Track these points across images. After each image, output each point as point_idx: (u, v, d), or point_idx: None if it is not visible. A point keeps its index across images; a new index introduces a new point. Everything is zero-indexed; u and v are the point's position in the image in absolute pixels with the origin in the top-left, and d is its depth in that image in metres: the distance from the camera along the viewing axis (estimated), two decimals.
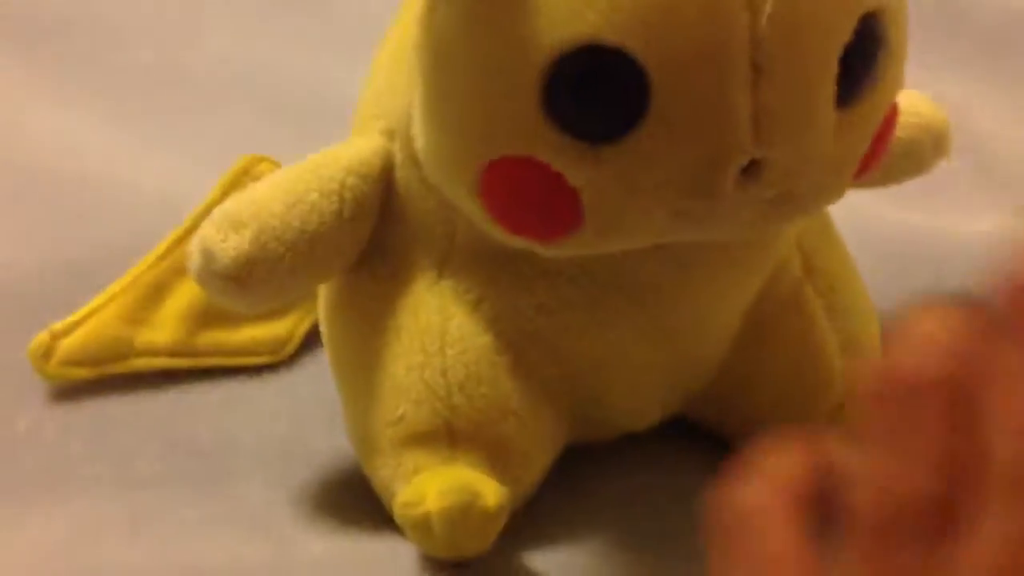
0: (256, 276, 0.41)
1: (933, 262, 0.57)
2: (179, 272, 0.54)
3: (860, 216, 0.54)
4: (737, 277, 0.44)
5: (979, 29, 0.75)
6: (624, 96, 0.35)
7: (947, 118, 0.52)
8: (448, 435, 0.42)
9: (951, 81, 0.67)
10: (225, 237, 0.41)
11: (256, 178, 0.56)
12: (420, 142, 0.40)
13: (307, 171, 0.43)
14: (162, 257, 0.54)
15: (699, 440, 0.48)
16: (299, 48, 0.73)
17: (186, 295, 0.53)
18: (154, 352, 0.52)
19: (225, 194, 0.56)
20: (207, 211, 0.55)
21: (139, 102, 0.68)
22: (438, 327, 0.42)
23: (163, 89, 0.69)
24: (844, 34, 0.36)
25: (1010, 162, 0.66)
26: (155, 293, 0.54)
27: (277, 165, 0.57)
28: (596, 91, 0.35)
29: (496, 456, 0.42)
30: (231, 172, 0.57)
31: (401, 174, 0.43)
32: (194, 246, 0.42)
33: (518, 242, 0.39)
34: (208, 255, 0.41)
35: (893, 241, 0.59)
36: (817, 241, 0.47)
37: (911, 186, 0.54)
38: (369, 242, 0.44)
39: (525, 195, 0.37)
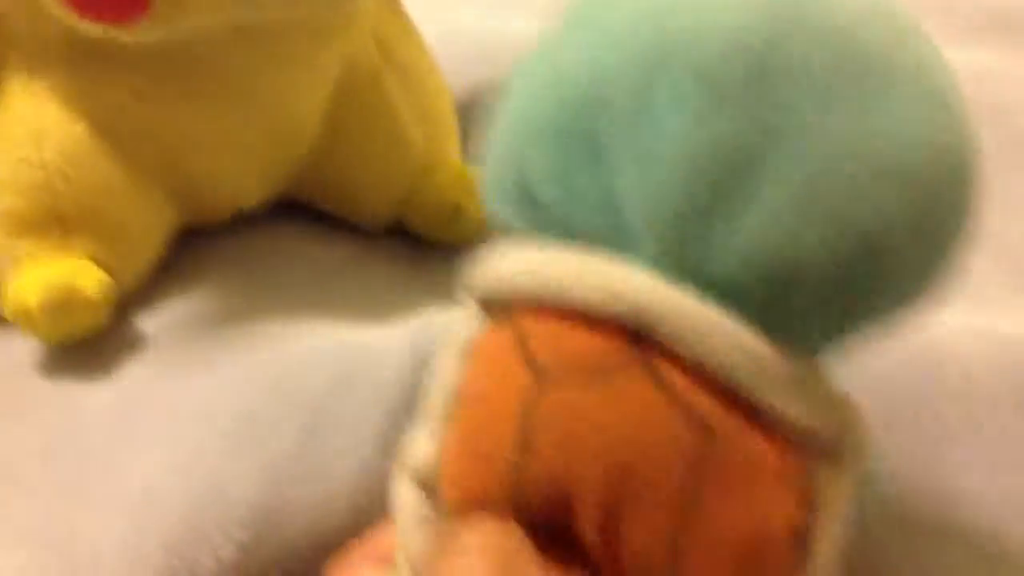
0: None
1: None
2: None
3: None
4: (317, 56, 0.48)
5: None
6: None
7: None
8: (58, 222, 0.44)
9: None
10: None
11: None
12: None
13: None
14: None
15: None
16: None
17: None
18: None
19: None
20: None
21: None
22: (34, 124, 0.44)
23: None
24: None
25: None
26: None
27: None
28: None
29: (106, 237, 0.45)
30: None
31: None
32: None
33: (95, 28, 0.41)
34: None
35: None
36: (390, 29, 0.53)
37: None
38: None
39: None
